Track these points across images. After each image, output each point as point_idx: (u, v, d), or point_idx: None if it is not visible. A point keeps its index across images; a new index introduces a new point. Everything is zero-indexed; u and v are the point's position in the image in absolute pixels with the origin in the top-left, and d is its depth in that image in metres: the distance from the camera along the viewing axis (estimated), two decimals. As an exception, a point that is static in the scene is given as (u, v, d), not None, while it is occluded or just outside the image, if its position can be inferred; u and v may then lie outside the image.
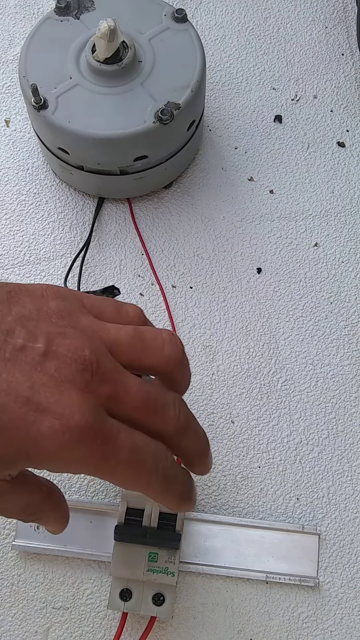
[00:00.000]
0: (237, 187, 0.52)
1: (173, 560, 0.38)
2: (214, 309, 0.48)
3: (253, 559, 0.41)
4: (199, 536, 0.41)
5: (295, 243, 0.50)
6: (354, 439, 0.45)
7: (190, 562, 0.41)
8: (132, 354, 0.30)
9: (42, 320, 0.28)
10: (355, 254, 0.50)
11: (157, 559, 0.38)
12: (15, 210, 0.51)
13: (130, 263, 0.49)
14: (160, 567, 0.38)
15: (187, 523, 0.41)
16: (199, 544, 0.41)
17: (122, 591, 0.38)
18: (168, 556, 0.38)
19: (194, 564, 0.41)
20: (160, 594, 0.38)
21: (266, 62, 0.56)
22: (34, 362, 0.27)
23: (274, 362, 0.47)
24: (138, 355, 0.30)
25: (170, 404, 0.30)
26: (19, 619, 0.41)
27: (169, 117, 0.44)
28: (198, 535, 0.41)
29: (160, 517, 0.39)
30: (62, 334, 0.28)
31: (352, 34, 0.57)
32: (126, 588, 0.38)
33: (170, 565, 0.38)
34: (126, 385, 0.29)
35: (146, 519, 0.39)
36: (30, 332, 0.28)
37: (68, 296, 0.30)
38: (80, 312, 0.30)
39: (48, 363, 0.27)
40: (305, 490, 0.43)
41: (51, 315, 0.29)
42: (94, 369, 0.28)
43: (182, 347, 0.31)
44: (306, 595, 0.41)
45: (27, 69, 0.46)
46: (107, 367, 0.28)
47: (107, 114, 0.45)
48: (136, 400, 0.29)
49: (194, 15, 0.58)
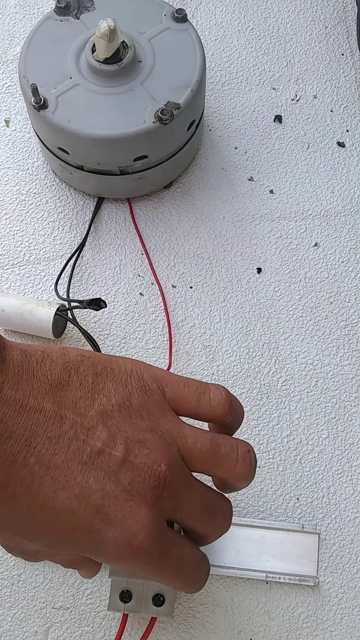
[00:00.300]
0: (237, 187, 0.52)
1: None
2: (214, 309, 0.48)
3: (253, 558, 0.41)
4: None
5: (295, 243, 0.50)
6: (354, 439, 0.45)
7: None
8: (205, 466, 0.30)
9: (123, 419, 0.29)
10: (355, 254, 0.50)
11: None
12: (15, 210, 0.51)
13: (130, 263, 0.49)
14: None
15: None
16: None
17: (122, 592, 0.37)
18: None
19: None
20: (160, 594, 0.38)
21: (266, 62, 0.56)
22: (109, 470, 0.27)
23: (274, 362, 0.47)
24: (210, 467, 0.30)
25: (221, 514, 0.31)
26: (19, 619, 0.41)
27: (169, 117, 0.44)
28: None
29: None
30: (140, 442, 0.28)
31: (352, 34, 0.57)
32: (126, 589, 0.37)
33: None
34: (190, 498, 0.29)
35: None
36: (111, 433, 0.28)
37: (150, 387, 0.30)
38: (161, 412, 0.30)
39: (123, 474, 0.27)
40: (305, 490, 0.43)
41: (132, 414, 0.29)
42: (166, 485, 0.28)
43: (255, 465, 0.31)
44: (306, 595, 0.41)
45: (27, 69, 0.46)
46: (178, 483, 0.29)
47: (107, 114, 0.45)
48: (195, 512, 0.30)
49: (194, 15, 0.58)
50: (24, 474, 0.26)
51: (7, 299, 0.45)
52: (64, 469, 0.27)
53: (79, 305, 0.45)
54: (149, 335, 0.47)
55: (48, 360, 0.29)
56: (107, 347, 0.47)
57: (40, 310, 0.45)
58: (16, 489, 0.26)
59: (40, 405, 0.27)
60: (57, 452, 0.27)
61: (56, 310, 0.45)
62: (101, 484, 0.27)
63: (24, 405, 0.27)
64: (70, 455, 0.27)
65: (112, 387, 0.29)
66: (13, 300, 0.45)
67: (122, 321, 0.48)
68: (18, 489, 0.26)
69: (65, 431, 0.27)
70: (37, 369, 0.28)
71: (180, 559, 0.30)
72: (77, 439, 0.27)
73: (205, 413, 0.31)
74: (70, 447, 0.27)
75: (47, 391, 0.28)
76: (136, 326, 0.48)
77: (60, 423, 0.27)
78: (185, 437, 0.30)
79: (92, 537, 0.27)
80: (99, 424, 0.28)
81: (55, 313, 0.44)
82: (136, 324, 0.48)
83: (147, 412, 0.29)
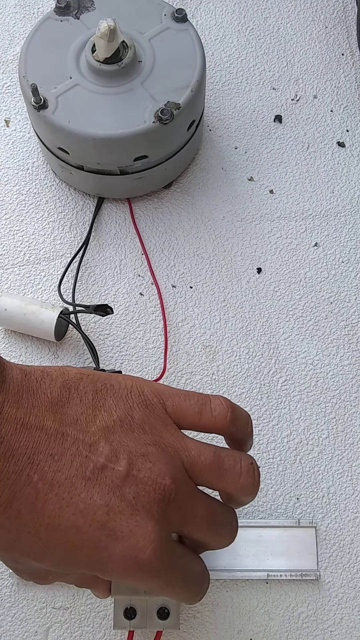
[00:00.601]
0: (237, 187, 0.52)
1: None
2: (214, 309, 0.48)
3: (253, 559, 0.41)
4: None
5: (295, 243, 0.50)
6: (354, 439, 0.45)
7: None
8: (209, 478, 0.30)
9: (125, 434, 0.28)
10: (355, 254, 0.50)
11: None
12: (15, 210, 0.51)
13: (130, 263, 0.49)
14: None
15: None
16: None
17: (126, 610, 0.37)
18: None
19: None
20: (164, 608, 0.37)
21: (266, 62, 0.56)
22: (113, 485, 0.27)
23: (274, 362, 0.47)
24: (214, 480, 0.30)
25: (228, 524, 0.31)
26: (19, 619, 0.41)
27: (169, 117, 0.44)
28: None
29: None
30: (144, 456, 0.28)
31: (352, 34, 0.57)
32: (130, 606, 0.37)
33: None
34: (195, 510, 0.29)
35: None
36: (113, 448, 0.28)
37: (151, 401, 0.30)
38: (163, 426, 0.30)
39: (127, 488, 0.27)
40: (305, 490, 0.43)
41: (134, 428, 0.29)
42: (171, 498, 0.28)
43: (258, 478, 0.31)
44: (306, 595, 0.41)
45: (27, 69, 0.46)
46: (184, 495, 0.29)
47: (107, 114, 0.45)
48: (201, 525, 0.30)
49: (194, 15, 0.58)
50: (28, 491, 0.26)
51: (10, 299, 0.45)
52: (67, 486, 0.27)
53: (85, 310, 0.45)
54: (149, 336, 0.47)
55: (47, 378, 0.29)
56: (106, 347, 0.47)
57: (44, 312, 0.45)
58: (21, 507, 0.26)
59: (41, 423, 0.27)
60: (60, 469, 0.27)
61: (60, 313, 0.44)
62: (106, 500, 0.27)
63: (25, 424, 0.27)
64: (74, 472, 0.27)
65: (113, 403, 0.29)
66: (16, 300, 0.45)
67: (122, 321, 0.48)
68: (23, 507, 0.26)
69: (67, 448, 0.27)
70: (36, 387, 0.28)
71: (185, 572, 0.30)
72: (80, 455, 0.27)
73: (207, 424, 0.31)
74: (73, 464, 0.27)
75: (47, 409, 0.28)
76: (136, 326, 0.48)
77: (62, 440, 0.27)
78: (189, 450, 0.30)
79: (99, 553, 0.27)
80: (101, 440, 0.28)
81: (58, 316, 0.44)
82: (136, 324, 0.48)
83: (149, 426, 0.29)
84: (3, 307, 0.45)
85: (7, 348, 0.47)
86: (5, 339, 0.47)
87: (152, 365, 0.46)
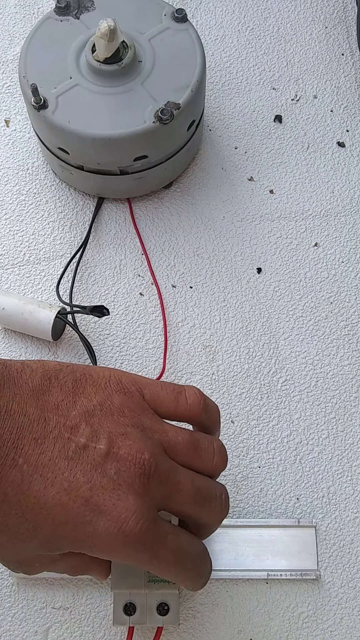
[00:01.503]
0: (237, 187, 0.52)
1: None
2: (214, 309, 0.48)
3: (253, 559, 0.41)
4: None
5: (295, 243, 0.50)
6: (354, 439, 0.45)
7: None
8: (186, 458, 0.31)
9: (105, 417, 0.30)
10: (355, 254, 0.50)
11: None
12: (15, 210, 0.51)
13: (130, 263, 0.49)
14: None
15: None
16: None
17: (126, 605, 0.37)
18: None
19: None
20: (164, 604, 0.37)
21: (266, 62, 0.56)
22: (95, 462, 0.28)
23: (274, 362, 0.47)
24: (190, 460, 0.31)
25: (217, 497, 0.32)
26: (19, 619, 0.41)
27: (169, 117, 0.44)
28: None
29: None
30: (123, 435, 0.29)
31: (352, 34, 0.57)
32: (129, 602, 0.37)
33: None
34: (179, 483, 0.30)
35: None
36: (94, 430, 0.29)
37: (130, 389, 0.31)
38: (142, 410, 0.31)
39: (109, 465, 0.28)
40: (305, 490, 0.43)
41: (114, 412, 0.30)
42: (151, 472, 0.29)
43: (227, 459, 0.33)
44: (306, 595, 0.41)
45: (27, 69, 0.46)
46: (164, 470, 0.30)
47: (107, 114, 0.45)
48: (187, 497, 0.30)
49: (194, 15, 0.58)
50: (13, 474, 0.28)
51: (8, 298, 0.45)
52: (51, 466, 0.28)
53: (81, 311, 0.45)
54: (149, 336, 0.47)
55: (28, 369, 0.30)
56: (106, 347, 0.47)
57: (41, 311, 0.45)
58: (7, 490, 0.27)
59: (24, 410, 0.29)
60: (44, 451, 0.28)
61: (57, 313, 0.45)
62: (88, 477, 0.28)
63: (9, 411, 0.28)
64: (57, 453, 0.28)
65: (92, 390, 0.30)
66: (14, 299, 0.45)
67: (121, 321, 0.48)
68: (9, 489, 0.27)
69: (49, 431, 0.28)
70: (17, 377, 0.30)
71: (178, 549, 0.30)
72: (62, 437, 0.28)
73: (183, 412, 0.32)
74: (56, 445, 0.28)
75: (29, 397, 0.29)
76: (136, 326, 0.48)
77: (44, 424, 0.29)
78: (166, 432, 0.31)
79: (84, 528, 0.28)
80: (81, 422, 0.29)
81: (55, 316, 0.44)
82: (136, 324, 0.48)
83: (128, 410, 0.30)
84: (1, 306, 0.45)
85: (7, 348, 0.47)
86: (5, 339, 0.47)
87: (151, 365, 0.46)
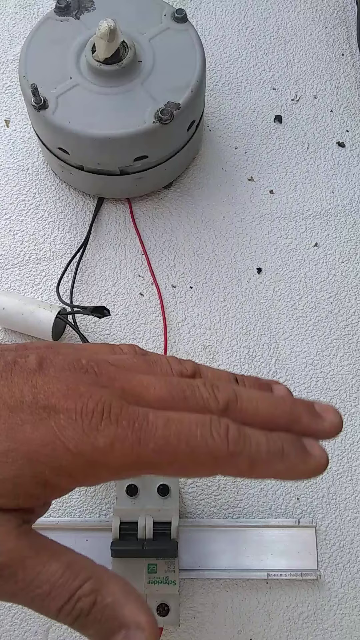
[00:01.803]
0: (237, 187, 0.52)
1: (172, 569, 0.38)
2: (214, 309, 0.48)
3: (252, 559, 0.41)
4: (197, 542, 0.41)
5: (295, 243, 0.50)
6: (354, 439, 0.45)
7: (191, 569, 0.40)
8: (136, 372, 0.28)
9: (31, 349, 0.28)
10: (355, 254, 0.50)
11: (156, 569, 0.38)
12: (15, 210, 0.51)
13: (130, 263, 0.49)
14: (161, 577, 0.38)
15: (183, 530, 0.41)
16: (197, 550, 0.41)
17: None
18: (167, 565, 0.38)
19: (194, 570, 0.40)
20: (164, 604, 0.37)
21: (266, 62, 0.56)
22: (30, 370, 0.26)
23: (274, 362, 0.47)
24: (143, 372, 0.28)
25: (200, 385, 0.27)
26: (19, 619, 0.41)
27: (169, 117, 0.44)
28: (195, 542, 0.41)
29: (155, 527, 0.38)
30: (55, 353, 0.27)
31: (352, 34, 0.57)
32: None
33: (170, 574, 0.38)
34: (141, 380, 0.26)
35: (140, 531, 0.38)
36: (20, 353, 0.27)
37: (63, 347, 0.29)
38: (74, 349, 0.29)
39: (45, 370, 0.26)
40: (305, 490, 0.43)
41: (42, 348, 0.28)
42: (96, 370, 0.26)
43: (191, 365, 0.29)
44: (306, 595, 0.41)
45: (27, 69, 0.46)
46: (111, 369, 0.27)
47: (107, 114, 0.45)
48: (160, 390, 0.26)
49: (194, 15, 0.58)
50: None
51: (8, 298, 0.45)
52: None
53: (82, 311, 0.45)
54: (149, 336, 0.47)
55: None
56: (107, 347, 0.47)
57: (42, 312, 0.45)
58: None
59: None
60: None
61: (57, 314, 0.45)
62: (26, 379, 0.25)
63: None
64: None
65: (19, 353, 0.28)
66: (15, 299, 0.45)
67: (122, 321, 0.48)
68: None
69: None
70: None
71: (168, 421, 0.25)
72: None
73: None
74: None
75: None
76: (136, 326, 0.48)
77: None
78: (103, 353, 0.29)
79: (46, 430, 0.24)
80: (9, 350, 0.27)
81: (56, 316, 0.44)
82: (136, 324, 0.48)
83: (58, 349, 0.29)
84: (1, 306, 0.45)
85: (7, 348, 0.47)
86: (5, 339, 0.47)
87: (152, 365, 0.46)
